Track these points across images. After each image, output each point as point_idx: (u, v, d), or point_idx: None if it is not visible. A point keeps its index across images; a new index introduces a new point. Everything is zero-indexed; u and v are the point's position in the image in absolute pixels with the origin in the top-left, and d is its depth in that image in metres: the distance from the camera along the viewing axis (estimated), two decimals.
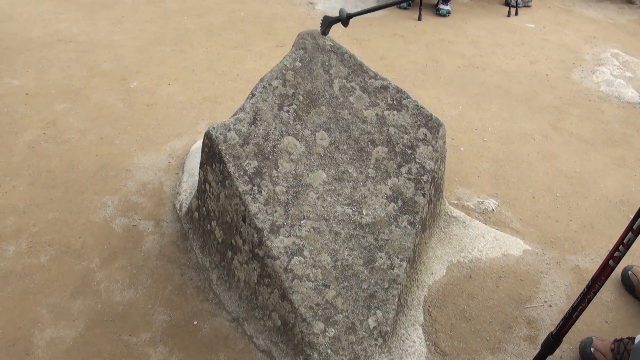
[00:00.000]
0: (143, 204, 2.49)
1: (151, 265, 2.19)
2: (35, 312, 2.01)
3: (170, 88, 3.40)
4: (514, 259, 2.27)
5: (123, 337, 1.93)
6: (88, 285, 2.11)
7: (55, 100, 3.21)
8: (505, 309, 2.06)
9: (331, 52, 2.15)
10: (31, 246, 2.26)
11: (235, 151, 1.88)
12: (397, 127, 2.07)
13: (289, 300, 1.74)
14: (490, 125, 3.18)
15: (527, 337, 1.96)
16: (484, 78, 3.70)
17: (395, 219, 1.92)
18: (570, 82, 3.72)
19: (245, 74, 3.63)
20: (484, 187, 2.67)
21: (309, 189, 1.89)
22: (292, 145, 1.94)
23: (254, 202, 1.81)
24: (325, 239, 1.82)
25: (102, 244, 2.28)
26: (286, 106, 2.00)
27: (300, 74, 2.07)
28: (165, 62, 3.72)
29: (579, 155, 2.95)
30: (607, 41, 4.39)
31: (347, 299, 1.76)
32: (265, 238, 1.77)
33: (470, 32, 4.50)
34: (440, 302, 2.06)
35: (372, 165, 1.99)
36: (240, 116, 1.95)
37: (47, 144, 2.84)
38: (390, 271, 1.83)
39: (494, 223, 2.45)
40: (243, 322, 1.96)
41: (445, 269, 2.19)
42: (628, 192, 2.69)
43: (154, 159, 2.77)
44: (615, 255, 1.36)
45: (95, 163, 2.71)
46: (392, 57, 3.97)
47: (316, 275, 1.76)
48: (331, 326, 1.72)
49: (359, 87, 2.12)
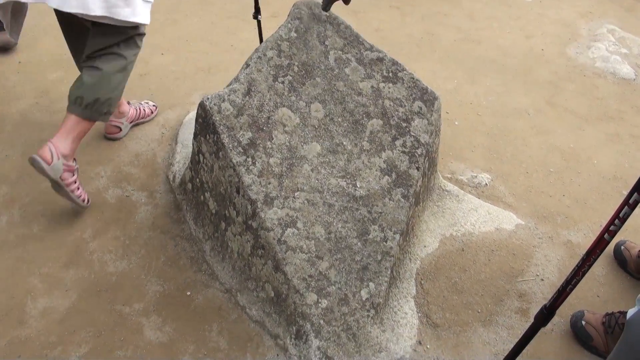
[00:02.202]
0: (136, 174, 2.47)
1: (144, 236, 2.19)
2: (28, 282, 2.01)
3: (164, 58, 3.36)
4: (506, 233, 2.28)
5: (116, 307, 1.94)
6: (81, 256, 2.11)
7: (47, 69, 3.16)
8: (497, 282, 2.08)
9: (327, 22, 2.12)
10: (24, 216, 2.25)
11: (230, 122, 1.86)
12: (393, 99, 2.06)
13: (283, 272, 1.75)
14: (485, 99, 3.17)
15: (518, 310, 1.99)
16: (479, 52, 3.67)
17: (389, 191, 1.91)
18: (566, 57, 3.70)
19: (239, 44, 3.58)
20: (477, 162, 2.67)
21: (303, 161, 1.88)
22: (287, 116, 1.93)
23: (247, 174, 1.80)
24: (319, 211, 1.82)
25: (95, 215, 2.27)
26: (281, 77, 1.98)
27: (295, 45, 2.04)
28: (158, 31, 3.66)
29: (573, 131, 2.95)
30: (604, 17, 4.36)
31: (340, 271, 1.77)
32: (259, 209, 1.77)
33: (466, 5, 4.44)
34: (432, 275, 2.08)
35: (367, 137, 1.98)
36: (235, 87, 1.93)
37: (40, 113, 2.80)
38: (384, 244, 1.83)
39: (487, 197, 2.46)
40: (236, 293, 1.97)
41: (438, 242, 2.20)
42: (621, 168, 2.70)
43: (147, 129, 2.75)
44: (610, 229, 1.36)
45: (88, 133, 2.68)
46: (387, 29, 3.93)
47: (309, 247, 1.77)
48: (324, 297, 1.74)
49: (355, 59, 2.10)
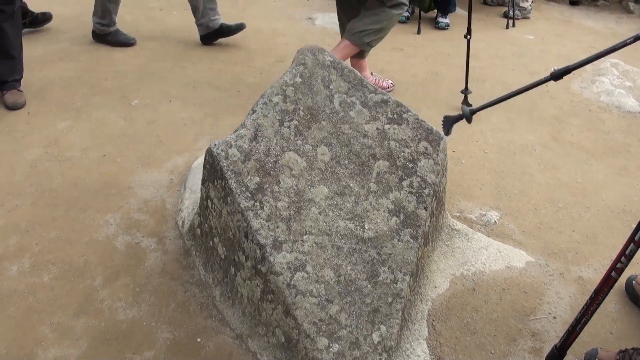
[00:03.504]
0: (145, 221, 2.49)
1: (154, 283, 2.19)
2: (38, 332, 2.00)
3: (171, 105, 3.42)
4: (517, 270, 2.26)
5: (127, 355, 1.92)
6: (91, 304, 2.11)
7: (56, 118, 3.22)
8: (510, 321, 2.05)
9: (331, 67, 2.16)
10: (34, 265, 2.26)
11: (237, 167, 1.88)
12: (398, 141, 2.08)
13: (293, 316, 1.74)
14: (491, 137, 3.19)
15: (531, 350, 1.95)
16: (483, 90, 3.72)
17: (397, 232, 1.92)
18: (570, 92, 3.74)
19: (245, 90, 3.64)
20: (486, 199, 2.67)
21: (311, 204, 1.89)
22: (294, 160, 1.95)
23: (255, 218, 1.81)
24: (327, 254, 1.82)
25: (105, 262, 2.28)
26: (287, 122, 2.01)
27: (300, 90, 2.08)
28: (166, 79, 3.74)
29: (581, 166, 2.96)
30: None
31: (351, 314, 1.76)
32: (268, 254, 1.77)
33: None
34: (444, 316, 2.05)
35: (374, 179, 1.99)
36: (242, 132, 1.95)
37: (49, 162, 2.85)
38: (394, 285, 1.82)
39: (496, 235, 2.45)
40: (247, 338, 1.95)
41: (448, 282, 2.18)
42: (630, 202, 2.69)
43: (156, 176, 2.78)
44: (617, 267, 1.36)
45: (97, 181, 2.72)
46: (391, 70, 3.99)
47: (319, 291, 1.76)
48: (335, 342, 1.72)
49: (359, 102, 2.13)
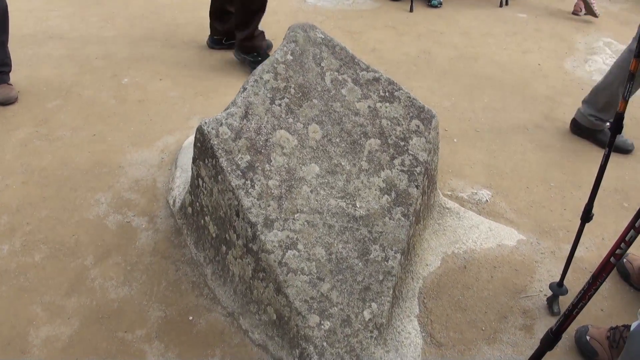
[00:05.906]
0: (136, 200, 2.48)
1: (145, 262, 2.19)
2: (30, 311, 2.00)
3: (162, 83, 3.39)
4: (508, 249, 2.27)
5: (118, 334, 1.93)
6: (83, 283, 2.11)
7: (46, 97, 3.19)
8: (501, 299, 2.07)
9: (322, 44, 2.14)
10: (25, 245, 2.25)
11: (228, 146, 1.87)
12: (390, 119, 2.07)
13: (284, 294, 1.74)
14: (483, 115, 3.18)
15: (522, 327, 1.97)
16: (476, 69, 3.70)
17: (389, 211, 1.91)
18: (563, 71, 3.72)
19: (237, 69, 3.61)
20: (477, 178, 2.67)
21: (302, 182, 1.89)
22: (285, 138, 1.94)
23: (247, 197, 1.81)
24: (319, 232, 1.82)
25: (96, 241, 2.27)
26: (278, 100, 1.99)
27: (291, 67, 2.06)
28: (156, 57, 3.70)
29: (573, 144, 2.96)
30: (600, 30, 4.39)
31: (342, 292, 1.76)
32: (259, 232, 1.77)
33: (462, 22, 4.49)
34: (435, 294, 2.07)
35: (365, 157, 1.98)
36: (232, 110, 1.94)
37: (40, 141, 2.82)
38: (385, 263, 1.83)
39: (488, 213, 2.46)
40: (238, 316, 1.96)
41: (439, 260, 2.19)
42: (622, 181, 2.69)
43: (147, 155, 2.76)
44: (616, 253, 1.36)
45: (88, 160, 2.70)
46: (384, 49, 3.97)
47: (311, 269, 1.76)
48: (326, 319, 1.73)
49: (351, 80, 2.11)
